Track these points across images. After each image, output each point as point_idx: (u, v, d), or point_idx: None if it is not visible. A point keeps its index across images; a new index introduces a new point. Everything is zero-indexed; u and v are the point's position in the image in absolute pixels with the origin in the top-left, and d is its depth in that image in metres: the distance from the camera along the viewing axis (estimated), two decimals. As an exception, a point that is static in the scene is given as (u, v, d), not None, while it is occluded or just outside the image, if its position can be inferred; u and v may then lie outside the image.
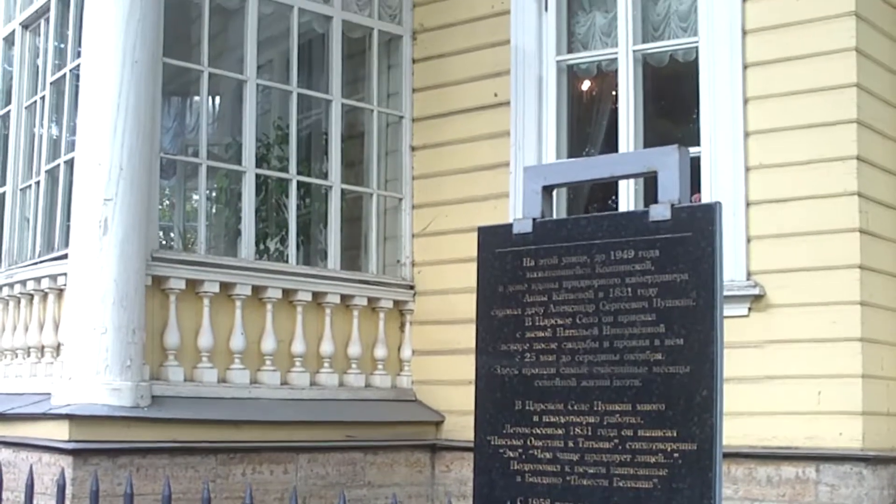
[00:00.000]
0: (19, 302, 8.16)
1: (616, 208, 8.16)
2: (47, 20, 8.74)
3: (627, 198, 7.89)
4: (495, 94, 8.50)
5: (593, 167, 4.11)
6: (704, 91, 7.65)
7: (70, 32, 8.34)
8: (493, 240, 3.95)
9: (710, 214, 3.53)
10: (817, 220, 7.14)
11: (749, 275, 7.30)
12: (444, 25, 8.91)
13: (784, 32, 7.38)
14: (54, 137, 8.60)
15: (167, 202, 12.36)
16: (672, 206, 3.57)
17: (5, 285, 8.37)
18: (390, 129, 9.15)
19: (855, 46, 7.14)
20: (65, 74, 8.30)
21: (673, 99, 8.92)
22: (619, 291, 3.59)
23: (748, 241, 7.34)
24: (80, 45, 7.79)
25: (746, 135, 7.44)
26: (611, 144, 8.23)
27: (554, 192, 4.04)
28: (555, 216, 4.10)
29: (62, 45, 8.57)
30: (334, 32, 8.78)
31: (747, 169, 7.41)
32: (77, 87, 7.75)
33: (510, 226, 3.89)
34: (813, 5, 7.27)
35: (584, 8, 8.41)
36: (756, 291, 7.23)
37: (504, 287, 3.85)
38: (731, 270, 7.20)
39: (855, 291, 7.00)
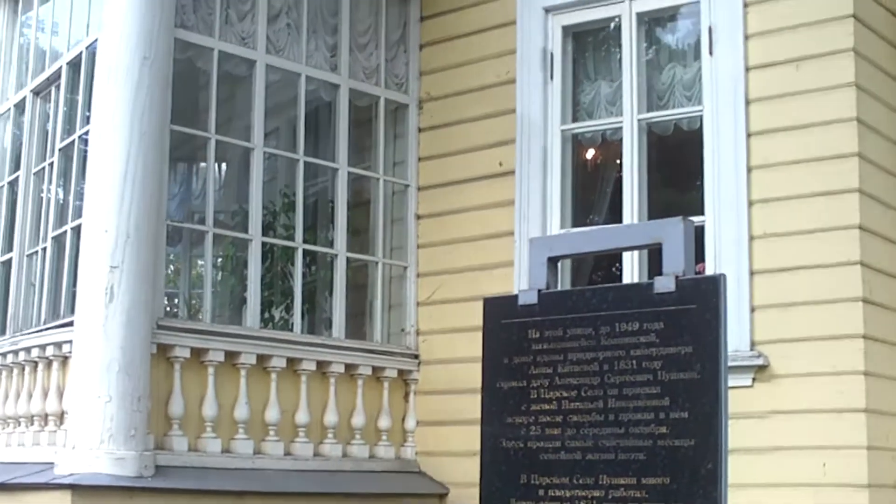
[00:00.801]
0: (24, 369, 8.15)
1: (620, 275, 8.17)
2: (58, 87, 8.81)
3: (632, 266, 7.90)
4: (500, 164, 8.54)
5: (598, 239, 4.14)
6: (708, 159, 7.69)
7: (80, 98, 8.40)
8: (498, 311, 3.97)
9: (714, 286, 3.56)
10: (821, 290, 7.13)
11: (753, 345, 7.29)
12: (451, 94, 8.97)
13: (787, 102, 7.42)
14: (61, 204, 8.63)
15: (172, 268, 12.39)
16: (677, 278, 3.60)
17: (10, 352, 8.36)
18: (396, 197, 9.18)
19: (856, 117, 7.18)
20: (73, 141, 8.36)
21: (677, 167, 8.95)
22: (624, 364, 3.61)
23: (752, 310, 7.34)
24: (89, 109, 7.86)
25: (750, 203, 7.45)
26: (615, 212, 8.26)
27: (559, 263, 4.06)
28: (559, 285, 4.11)
29: (71, 111, 8.63)
30: (341, 100, 8.84)
31: (751, 238, 7.42)
32: (85, 152, 7.80)
33: (515, 297, 3.92)
34: (815, 76, 7.32)
35: (589, 77, 8.47)
36: (760, 361, 7.21)
37: (509, 359, 3.87)
38: (735, 340, 7.17)
39: (859, 362, 6.97)
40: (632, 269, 7.90)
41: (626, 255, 7.90)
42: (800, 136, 7.33)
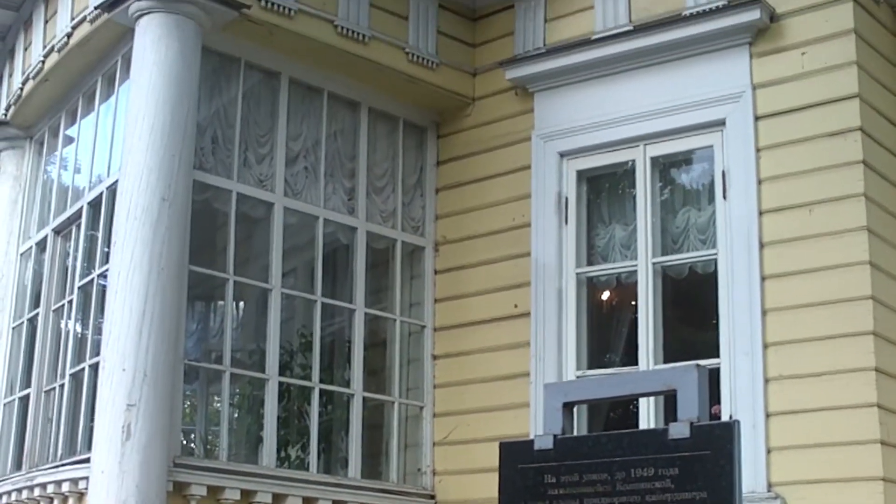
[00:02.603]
0: (39, 506, 8.16)
1: (637, 413, 8.17)
2: (78, 226, 8.94)
3: (648, 405, 7.91)
4: (515, 306, 8.60)
5: (613, 385, 4.18)
6: (723, 302, 7.74)
7: (99, 236, 8.52)
8: (514, 455, 4.00)
9: (728, 433, 3.59)
10: (838, 432, 7.13)
11: (770, 486, 7.26)
12: (466, 238, 9.09)
13: (800, 246, 7.51)
14: (80, 341, 8.70)
15: (188, 403, 12.37)
16: (691, 424, 3.63)
17: (25, 488, 8.37)
18: (412, 337, 9.23)
19: (869, 260, 7.25)
20: (92, 279, 8.45)
21: (692, 309, 8.99)
22: (639, 509, 3.62)
23: (768, 452, 7.32)
24: (107, 246, 7.96)
25: (765, 346, 7.49)
26: (631, 352, 8.27)
27: (575, 408, 4.09)
28: (575, 425, 4.15)
29: (91, 249, 8.74)
30: (358, 243, 8.95)
31: (766, 380, 7.44)
32: (104, 290, 7.88)
33: (531, 442, 3.94)
34: (827, 220, 7.41)
35: (603, 221, 8.57)
36: (777, 503, 7.18)
37: (525, 503, 3.88)
38: (752, 481, 7.16)
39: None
40: (648, 408, 7.91)
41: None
42: (814, 280, 7.40)
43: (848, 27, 7.60)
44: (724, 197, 7.87)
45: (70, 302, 8.86)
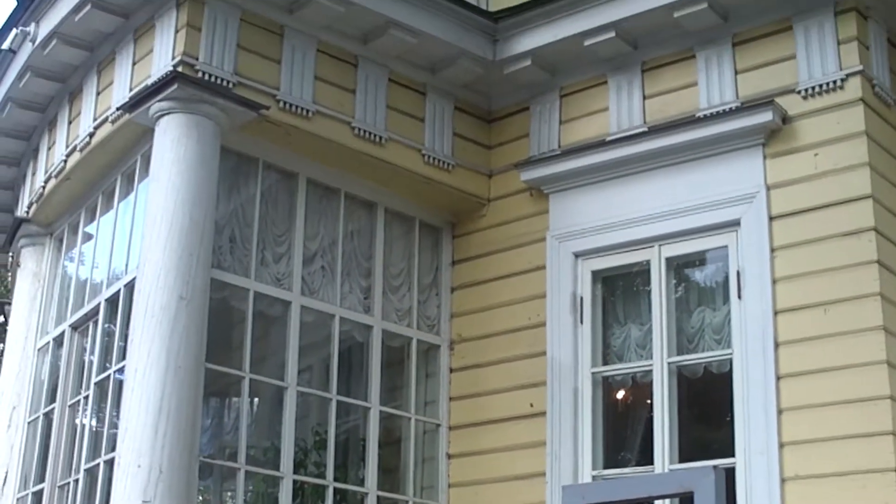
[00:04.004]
0: None
1: (653, 508, 8.12)
2: (95, 322, 8.99)
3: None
4: (531, 405, 8.60)
5: (630, 487, 4.19)
6: (738, 402, 7.73)
7: (116, 331, 8.56)
8: (531, 558, 4.00)
9: (746, 536, 3.59)
10: (857, 534, 7.09)
11: (791, 586, 7.21)
12: (482, 336, 9.11)
13: (816, 345, 7.50)
14: (95, 436, 8.71)
15: (202, 499, 12.31)
16: (709, 526, 3.63)
17: (38, 586, 8.35)
18: (427, 436, 9.22)
19: (886, 360, 7.24)
20: (109, 375, 8.48)
21: (708, 408, 8.96)
22: None
23: (787, 554, 7.28)
24: (123, 340, 7.99)
25: (781, 446, 7.46)
26: (647, 451, 8.25)
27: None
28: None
29: (108, 345, 8.78)
30: (374, 341, 8.97)
31: (783, 480, 7.40)
32: (120, 386, 7.90)
33: (548, 545, 3.95)
34: (843, 320, 7.42)
35: (619, 321, 8.59)
36: None
37: None
38: (771, 583, 7.11)
39: None
40: (662, 506, 7.88)
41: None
42: (830, 379, 7.39)
43: (860, 129, 7.68)
44: (739, 297, 7.89)
45: (86, 397, 8.89)
